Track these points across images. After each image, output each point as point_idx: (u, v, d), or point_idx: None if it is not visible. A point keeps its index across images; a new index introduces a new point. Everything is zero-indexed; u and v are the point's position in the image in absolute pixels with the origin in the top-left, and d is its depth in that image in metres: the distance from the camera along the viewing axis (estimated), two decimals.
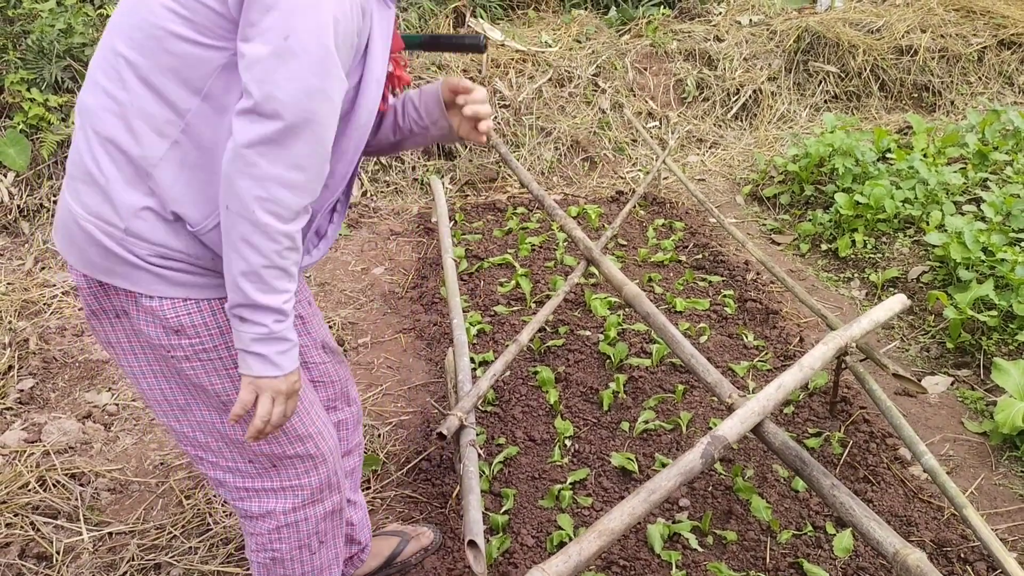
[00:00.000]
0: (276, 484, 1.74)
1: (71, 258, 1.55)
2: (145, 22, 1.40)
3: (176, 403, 1.65)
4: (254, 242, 1.38)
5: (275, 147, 1.34)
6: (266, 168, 1.35)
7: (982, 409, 2.99)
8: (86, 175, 1.48)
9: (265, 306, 1.43)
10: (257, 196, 1.35)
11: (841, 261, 4.07)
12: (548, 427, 2.85)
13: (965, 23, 6.38)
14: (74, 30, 4.63)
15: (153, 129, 1.43)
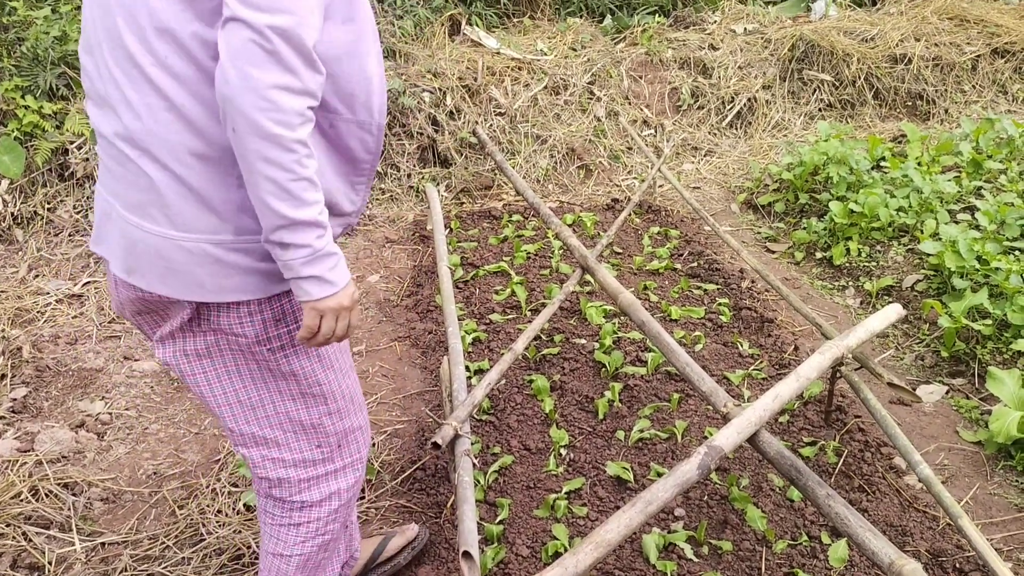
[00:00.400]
0: (340, 464, 1.82)
1: (170, 289, 1.54)
2: (163, 28, 1.41)
3: (250, 403, 1.69)
4: (273, 157, 1.36)
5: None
6: (260, 77, 1.32)
7: (977, 418, 2.99)
8: (174, 196, 1.49)
9: (303, 221, 1.42)
10: (260, 107, 1.33)
11: (836, 269, 4.08)
12: (543, 436, 2.85)
13: (959, 32, 6.41)
14: (69, 37, 4.63)
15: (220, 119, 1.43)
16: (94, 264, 4.12)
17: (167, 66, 1.43)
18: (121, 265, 1.58)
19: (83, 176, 4.47)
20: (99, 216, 1.65)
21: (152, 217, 1.51)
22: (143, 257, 1.54)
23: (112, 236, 1.60)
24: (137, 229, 1.53)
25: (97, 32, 1.50)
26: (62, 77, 4.64)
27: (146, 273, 1.55)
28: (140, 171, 1.49)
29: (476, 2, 6.27)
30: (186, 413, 3.06)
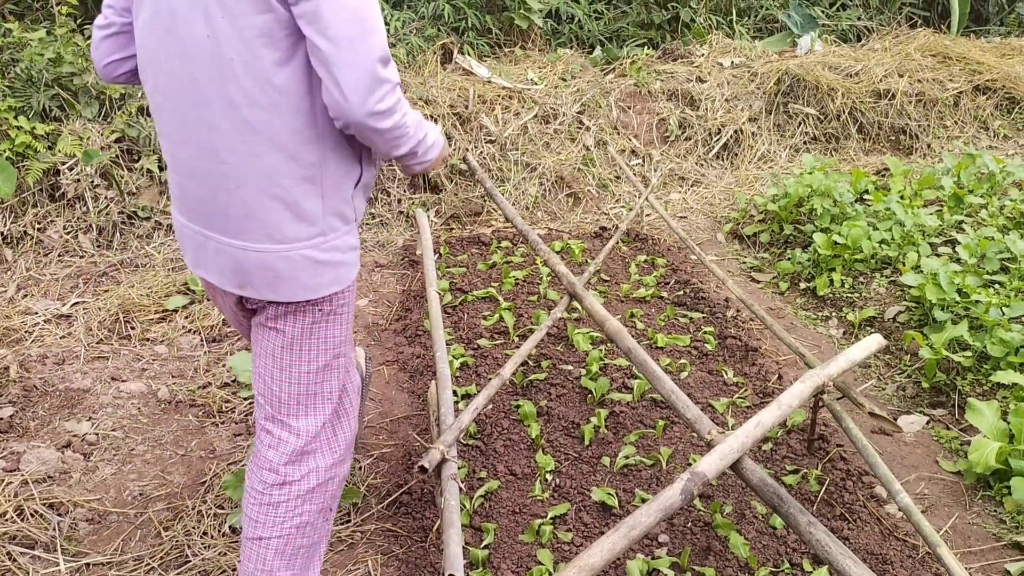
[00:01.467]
0: (326, 440, 2.06)
1: (279, 295, 1.88)
2: (257, 75, 1.71)
3: (310, 368, 2.01)
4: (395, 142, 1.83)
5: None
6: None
7: (957, 448, 3.03)
8: (273, 215, 1.81)
9: (414, 149, 1.90)
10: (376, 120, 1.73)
11: (819, 300, 4.13)
12: (529, 461, 2.87)
13: (941, 69, 6.53)
14: (63, 59, 4.66)
15: (305, 140, 1.78)
16: (83, 284, 4.13)
17: (261, 106, 1.72)
18: (232, 282, 1.89)
19: (74, 197, 4.49)
20: (192, 247, 1.94)
21: (255, 237, 1.83)
22: (252, 273, 1.85)
23: (214, 260, 1.90)
24: (242, 251, 1.84)
25: (180, 81, 1.76)
26: (55, 99, 4.67)
27: (257, 285, 1.87)
28: (240, 201, 1.80)
29: (468, 32, 6.35)
30: (173, 435, 3.07)
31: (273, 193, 1.79)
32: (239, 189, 1.79)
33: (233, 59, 1.69)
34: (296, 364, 1.99)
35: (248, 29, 1.66)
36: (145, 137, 4.67)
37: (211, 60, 1.70)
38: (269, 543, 1.99)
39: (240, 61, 1.69)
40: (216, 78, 1.71)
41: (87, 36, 5.05)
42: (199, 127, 1.77)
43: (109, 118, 4.75)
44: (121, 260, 4.35)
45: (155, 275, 4.17)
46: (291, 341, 1.97)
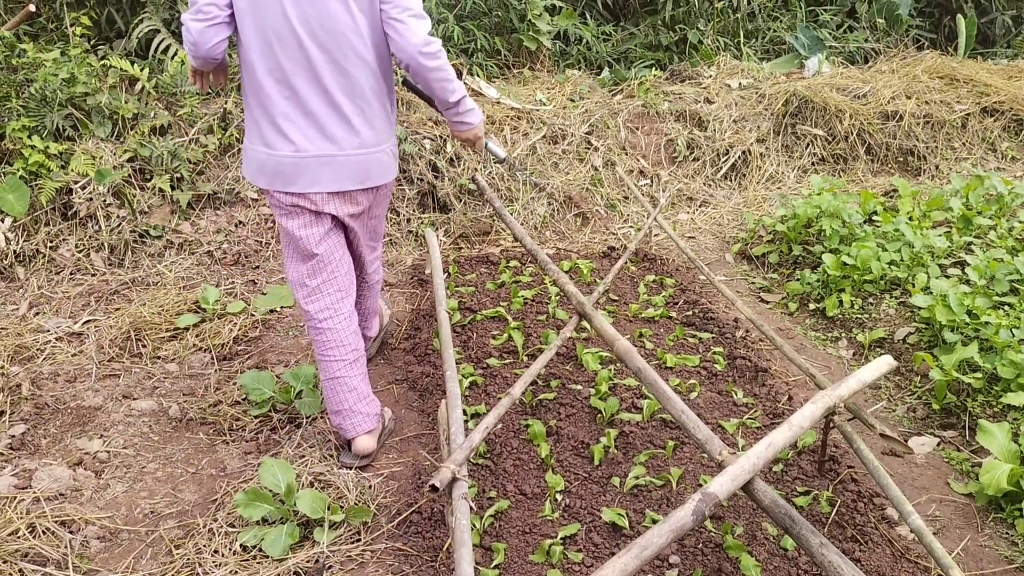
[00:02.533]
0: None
1: (371, 182, 2.86)
2: (358, 56, 2.71)
3: (368, 239, 3.19)
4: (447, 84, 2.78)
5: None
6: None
7: (968, 470, 3.02)
8: (368, 130, 2.78)
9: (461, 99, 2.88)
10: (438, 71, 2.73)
11: (829, 321, 4.13)
12: (539, 481, 2.87)
13: (949, 90, 6.56)
14: (77, 80, 4.71)
15: (379, 90, 2.79)
16: (95, 303, 4.15)
17: (361, 72, 2.70)
18: (333, 184, 2.77)
19: (86, 215, 4.52)
20: (288, 171, 2.73)
21: (352, 144, 2.76)
22: (347, 170, 2.77)
23: (312, 175, 2.74)
24: (345, 157, 2.76)
25: (294, 63, 2.63)
26: (69, 118, 4.71)
27: (352, 178, 2.80)
28: (348, 123, 2.73)
29: (477, 53, 6.40)
30: (183, 453, 3.08)
31: (367, 116, 2.78)
32: (354, 116, 2.77)
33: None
34: (380, 222, 3.20)
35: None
36: (158, 157, 4.71)
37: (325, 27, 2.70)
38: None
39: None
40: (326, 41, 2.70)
41: (101, 56, 5.11)
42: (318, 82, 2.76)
43: (122, 137, 4.80)
44: (132, 278, 4.38)
45: (166, 293, 4.20)
46: (380, 211, 3.12)
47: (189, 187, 4.79)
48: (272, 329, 4.00)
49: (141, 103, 4.92)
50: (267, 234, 4.79)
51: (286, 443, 3.10)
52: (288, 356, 3.75)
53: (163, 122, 4.88)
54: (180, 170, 4.77)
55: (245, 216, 4.83)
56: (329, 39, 2.61)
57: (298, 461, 2.98)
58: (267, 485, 2.66)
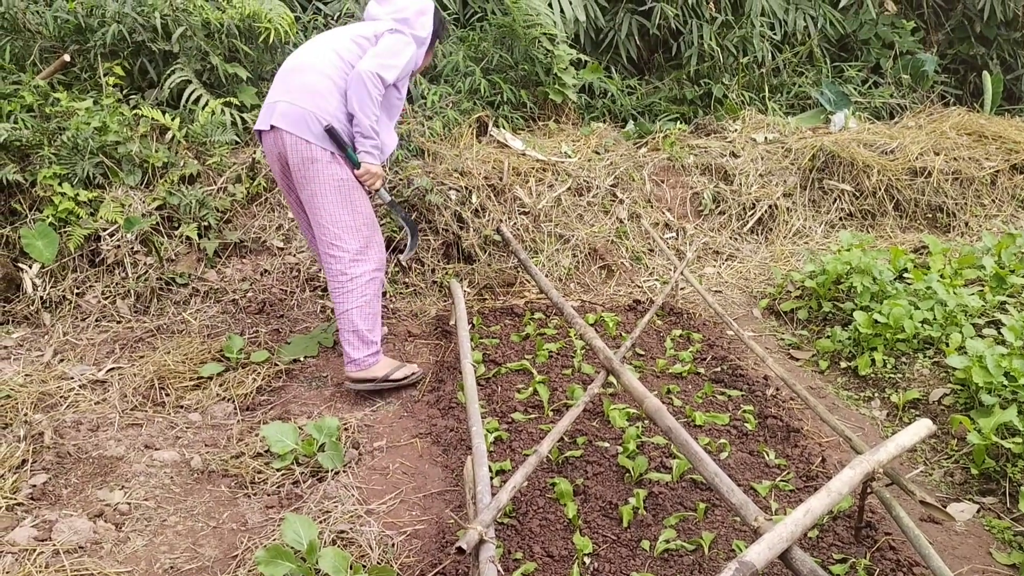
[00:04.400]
0: (368, 256, 3.72)
1: (298, 129, 3.55)
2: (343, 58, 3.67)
3: (334, 216, 3.63)
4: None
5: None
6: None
7: (1010, 539, 2.92)
8: (315, 94, 3.58)
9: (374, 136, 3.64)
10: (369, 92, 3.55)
11: (861, 380, 4.05)
12: (566, 542, 2.79)
13: (977, 147, 6.52)
14: (109, 128, 4.77)
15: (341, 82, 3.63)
16: (119, 350, 4.14)
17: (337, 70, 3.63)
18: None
19: (113, 262, 4.54)
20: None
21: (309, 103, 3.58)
22: (291, 117, 3.57)
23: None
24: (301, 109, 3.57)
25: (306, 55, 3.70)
26: (99, 166, 4.76)
27: (292, 123, 3.57)
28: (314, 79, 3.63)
29: (503, 105, 6.44)
30: (205, 506, 3.03)
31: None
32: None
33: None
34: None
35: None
36: (186, 205, 4.74)
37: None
38: (351, 312, 3.73)
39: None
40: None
41: (133, 106, 5.18)
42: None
43: (151, 186, 4.84)
44: (158, 326, 4.37)
45: (190, 342, 4.18)
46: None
47: (216, 235, 4.81)
48: (296, 379, 3.97)
49: (171, 152, 4.97)
50: (292, 283, 4.79)
51: (308, 497, 3.05)
52: (311, 407, 3.71)
53: (192, 171, 4.92)
54: (208, 218, 4.79)
55: (271, 264, 4.83)
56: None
57: (320, 517, 2.92)
58: (289, 542, 2.60)
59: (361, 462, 3.32)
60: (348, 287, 3.69)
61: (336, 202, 3.64)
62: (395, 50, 3.65)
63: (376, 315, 3.79)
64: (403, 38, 3.71)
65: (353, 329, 3.72)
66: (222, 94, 5.48)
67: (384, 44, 3.65)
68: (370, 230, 3.74)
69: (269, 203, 5.08)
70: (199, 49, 5.44)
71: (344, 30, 3.77)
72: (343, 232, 3.66)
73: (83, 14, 5.33)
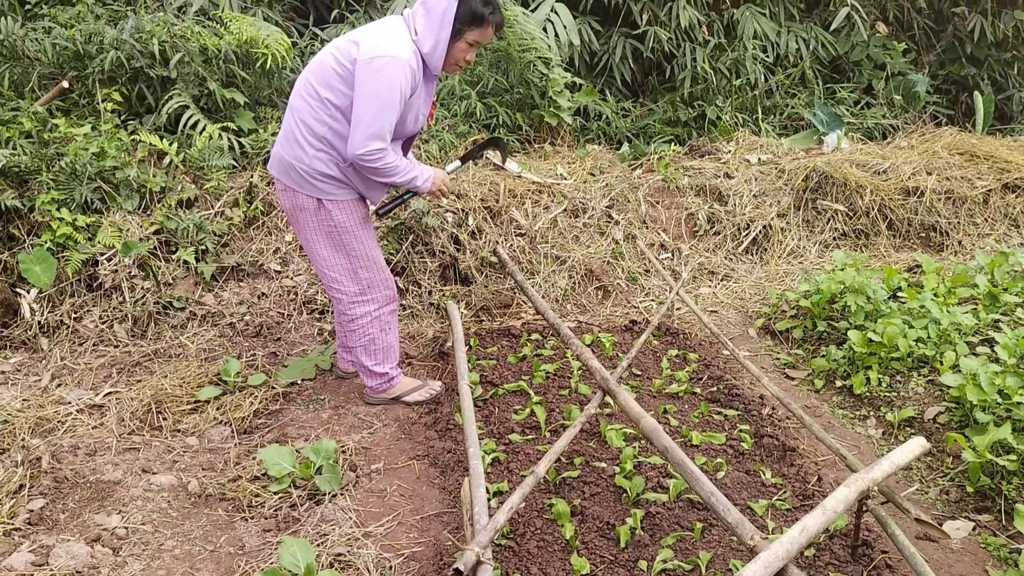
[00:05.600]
0: (368, 297, 3.71)
1: (285, 177, 3.52)
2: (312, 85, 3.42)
3: (328, 261, 3.62)
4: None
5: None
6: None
7: (1006, 556, 2.93)
8: (292, 141, 3.45)
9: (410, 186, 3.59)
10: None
11: (856, 399, 4.07)
12: (564, 564, 2.80)
13: (969, 166, 6.58)
14: (107, 154, 4.80)
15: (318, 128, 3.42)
16: (116, 374, 4.15)
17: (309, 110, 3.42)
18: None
19: (111, 287, 4.56)
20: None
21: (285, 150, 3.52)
22: (277, 165, 3.56)
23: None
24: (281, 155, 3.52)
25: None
26: (97, 191, 4.79)
27: (277, 171, 3.61)
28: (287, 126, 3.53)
29: (499, 128, 6.50)
30: (202, 530, 3.03)
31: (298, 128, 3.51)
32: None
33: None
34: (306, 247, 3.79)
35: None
36: (183, 229, 4.76)
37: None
38: (355, 351, 3.84)
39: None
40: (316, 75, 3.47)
41: (131, 131, 5.22)
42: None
43: (149, 210, 4.86)
44: (155, 350, 4.38)
45: (188, 366, 4.19)
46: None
47: (213, 259, 4.84)
48: (293, 402, 3.98)
49: (169, 177, 5.00)
50: (289, 306, 4.81)
51: (306, 521, 3.05)
52: (309, 430, 3.72)
53: (190, 195, 4.95)
54: (205, 242, 4.82)
55: (268, 288, 4.85)
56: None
57: (318, 540, 2.92)
58: (286, 565, 2.60)
59: (359, 485, 3.33)
60: (351, 327, 3.76)
61: (328, 247, 3.60)
62: (372, 96, 3.19)
63: (383, 350, 3.82)
64: (378, 71, 3.19)
65: (362, 364, 3.84)
66: (219, 119, 5.52)
67: (361, 91, 3.21)
68: (370, 272, 3.67)
69: (266, 227, 5.11)
70: (197, 75, 5.49)
71: (328, 49, 3.36)
72: (340, 276, 3.66)
73: (81, 41, 5.38)
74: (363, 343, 3.77)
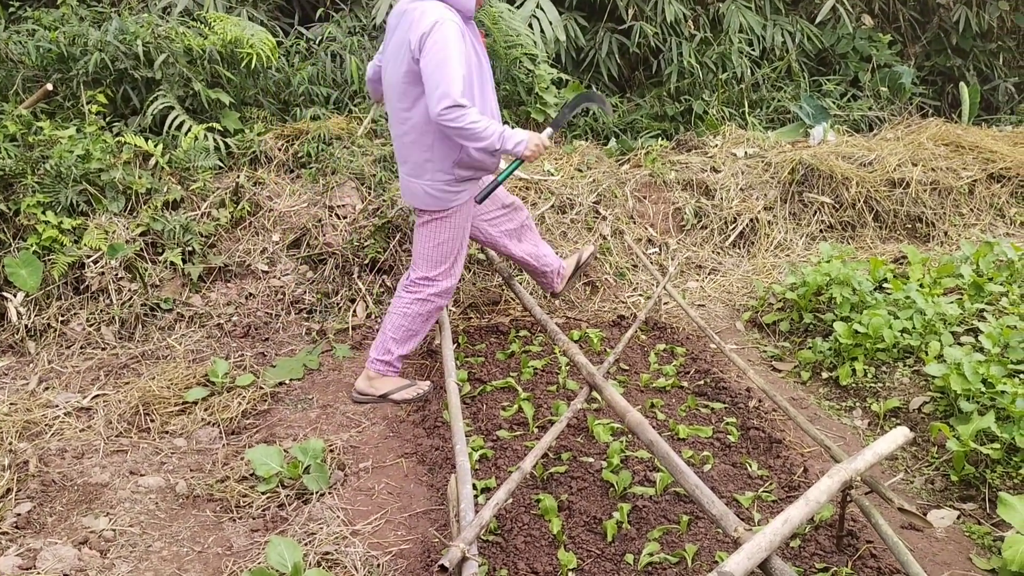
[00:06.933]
0: (434, 283, 3.89)
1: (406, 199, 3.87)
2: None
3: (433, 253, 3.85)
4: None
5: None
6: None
7: (990, 544, 2.95)
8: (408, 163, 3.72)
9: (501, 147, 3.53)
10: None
11: (842, 390, 4.09)
12: (551, 558, 2.81)
13: (955, 157, 6.60)
14: (92, 156, 4.79)
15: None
16: (104, 377, 4.15)
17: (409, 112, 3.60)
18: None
19: (98, 289, 4.55)
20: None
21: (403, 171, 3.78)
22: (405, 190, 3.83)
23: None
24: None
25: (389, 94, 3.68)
26: (83, 194, 4.78)
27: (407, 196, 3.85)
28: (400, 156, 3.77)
29: None
30: (190, 531, 3.04)
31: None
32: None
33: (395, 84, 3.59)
34: (417, 245, 3.93)
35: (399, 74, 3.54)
36: (170, 231, 4.76)
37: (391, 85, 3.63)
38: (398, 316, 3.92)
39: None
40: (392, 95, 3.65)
41: (116, 133, 5.20)
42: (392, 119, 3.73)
43: (135, 212, 4.85)
44: (142, 352, 4.38)
45: (175, 367, 4.19)
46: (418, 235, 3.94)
47: (200, 260, 4.83)
48: (281, 402, 3.98)
49: (154, 178, 4.99)
50: (277, 306, 4.81)
51: (293, 520, 3.06)
52: (297, 430, 3.72)
53: (176, 196, 4.95)
54: (192, 243, 4.81)
55: (255, 288, 4.85)
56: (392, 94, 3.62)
57: (306, 539, 2.93)
58: (274, 565, 2.61)
59: (347, 483, 3.33)
60: (401, 293, 3.93)
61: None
62: (440, 59, 3.31)
63: (406, 339, 3.93)
64: (438, 36, 3.33)
65: (382, 331, 3.96)
66: (205, 119, 5.51)
67: (427, 61, 3.33)
68: (450, 264, 3.89)
69: (253, 227, 5.10)
70: (181, 75, 5.48)
71: (391, 54, 3.57)
72: (422, 261, 3.87)
73: (65, 43, 5.36)
74: (399, 313, 3.90)
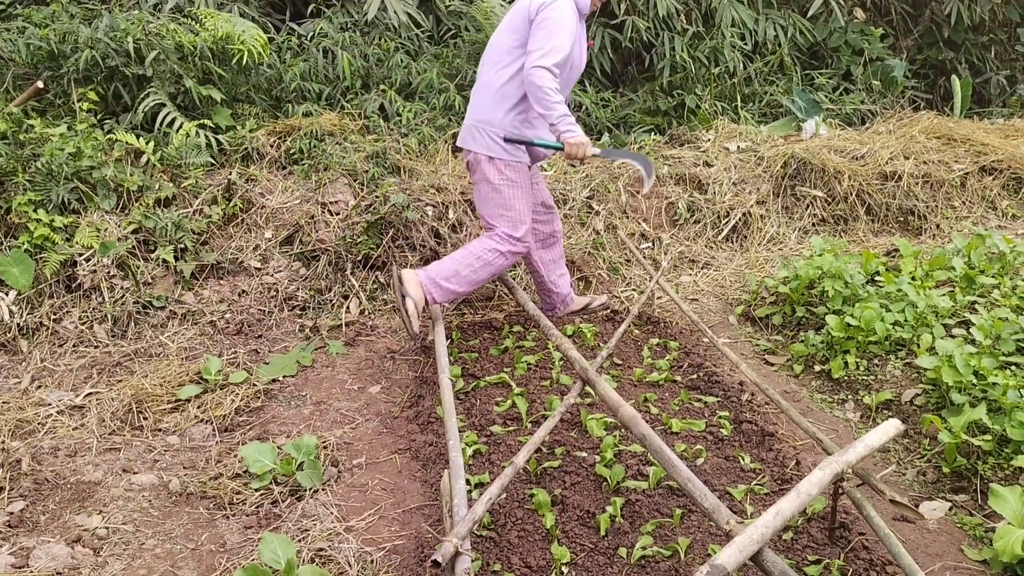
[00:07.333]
0: (505, 238, 4.14)
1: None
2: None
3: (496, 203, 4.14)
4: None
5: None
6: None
7: (981, 536, 2.96)
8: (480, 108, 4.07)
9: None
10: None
11: (835, 383, 4.10)
12: (544, 553, 2.81)
13: (947, 150, 6.62)
14: (83, 153, 4.78)
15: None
16: (97, 375, 4.14)
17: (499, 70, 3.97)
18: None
19: (90, 287, 4.54)
20: None
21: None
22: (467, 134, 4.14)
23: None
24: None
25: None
26: (74, 191, 4.77)
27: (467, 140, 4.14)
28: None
29: None
30: (183, 528, 3.04)
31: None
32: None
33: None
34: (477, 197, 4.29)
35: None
36: (162, 228, 4.75)
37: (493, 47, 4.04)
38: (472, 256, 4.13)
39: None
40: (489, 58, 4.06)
41: (107, 131, 5.19)
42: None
43: (127, 210, 4.84)
44: (135, 350, 4.37)
45: (168, 365, 4.19)
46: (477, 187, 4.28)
47: (193, 257, 4.82)
48: (274, 399, 3.98)
49: (146, 175, 4.98)
50: (270, 303, 4.80)
51: (287, 516, 3.06)
52: (290, 426, 3.72)
53: (167, 194, 4.94)
54: (184, 241, 4.80)
55: (248, 285, 4.84)
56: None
57: (299, 536, 2.93)
58: (267, 561, 2.61)
59: (340, 480, 3.33)
60: (481, 238, 4.17)
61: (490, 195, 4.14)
62: (552, 29, 3.70)
63: (470, 280, 4.14)
64: (556, 11, 3.71)
65: (452, 261, 4.13)
66: (196, 116, 5.50)
67: (540, 26, 3.71)
68: (520, 218, 4.13)
69: (246, 224, 5.10)
70: (173, 72, 5.46)
71: (506, 20, 3.96)
72: (493, 218, 4.15)
73: (56, 41, 5.35)
74: (473, 255, 4.12)
